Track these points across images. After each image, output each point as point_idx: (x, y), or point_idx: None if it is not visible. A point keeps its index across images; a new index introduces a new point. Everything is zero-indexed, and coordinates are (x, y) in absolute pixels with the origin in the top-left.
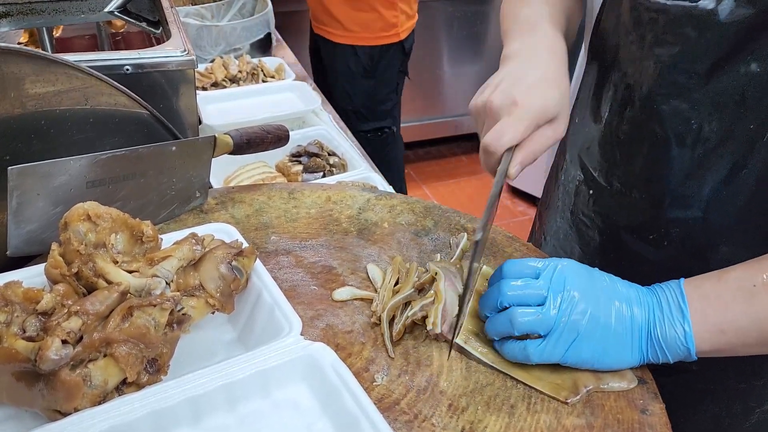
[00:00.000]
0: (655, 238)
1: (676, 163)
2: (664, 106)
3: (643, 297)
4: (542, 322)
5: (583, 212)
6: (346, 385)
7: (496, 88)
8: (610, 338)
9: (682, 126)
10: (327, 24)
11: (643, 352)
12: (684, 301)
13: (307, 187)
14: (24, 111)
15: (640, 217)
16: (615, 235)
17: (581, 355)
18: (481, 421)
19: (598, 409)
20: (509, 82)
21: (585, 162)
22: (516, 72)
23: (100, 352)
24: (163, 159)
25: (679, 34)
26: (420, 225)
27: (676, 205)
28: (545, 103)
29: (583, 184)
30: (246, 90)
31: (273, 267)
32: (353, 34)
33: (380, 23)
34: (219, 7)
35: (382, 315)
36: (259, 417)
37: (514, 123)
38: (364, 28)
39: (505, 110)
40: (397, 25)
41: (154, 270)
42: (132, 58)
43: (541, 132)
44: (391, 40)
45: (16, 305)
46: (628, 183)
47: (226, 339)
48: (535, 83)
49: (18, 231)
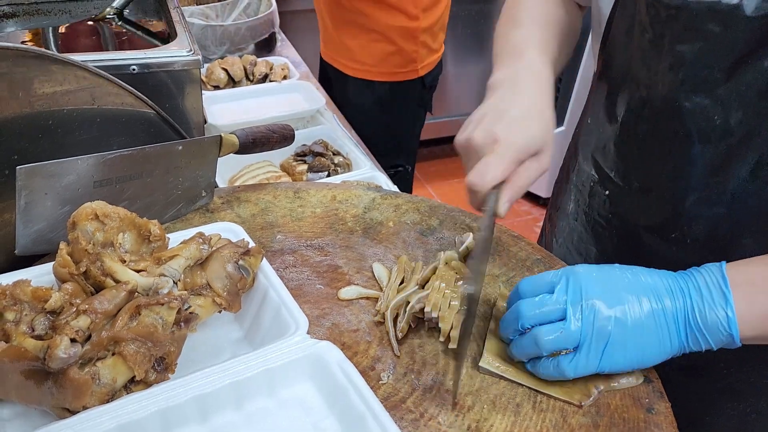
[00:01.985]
0: (677, 237)
1: (699, 160)
2: (686, 103)
3: (674, 283)
4: (567, 337)
5: (599, 213)
6: (352, 384)
7: (479, 125)
8: (644, 336)
9: (705, 122)
10: (338, 54)
11: (683, 341)
12: (726, 284)
13: (313, 186)
14: (32, 111)
15: (661, 215)
16: (634, 235)
17: (618, 361)
18: (486, 419)
19: (604, 408)
20: (491, 118)
21: (600, 162)
22: (498, 105)
23: (109, 350)
24: (170, 158)
25: (702, 30)
26: (425, 224)
27: (699, 202)
28: (527, 140)
29: (598, 184)
30: (251, 90)
31: (279, 266)
32: (367, 69)
33: (397, 58)
34: (224, 7)
35: (386, 313)
36: (266, 415)
37: (496, 161)
38: (379, 61)
39: (487, 148)
40: (416, 60)
41: (162, 269)
42: (138, 58)
43: (526, 166)
44: (409, 77)
45: (24, 304)
46: (648, 182)
47: (232, 338)
48: (517, 118)
49: (26, 230)
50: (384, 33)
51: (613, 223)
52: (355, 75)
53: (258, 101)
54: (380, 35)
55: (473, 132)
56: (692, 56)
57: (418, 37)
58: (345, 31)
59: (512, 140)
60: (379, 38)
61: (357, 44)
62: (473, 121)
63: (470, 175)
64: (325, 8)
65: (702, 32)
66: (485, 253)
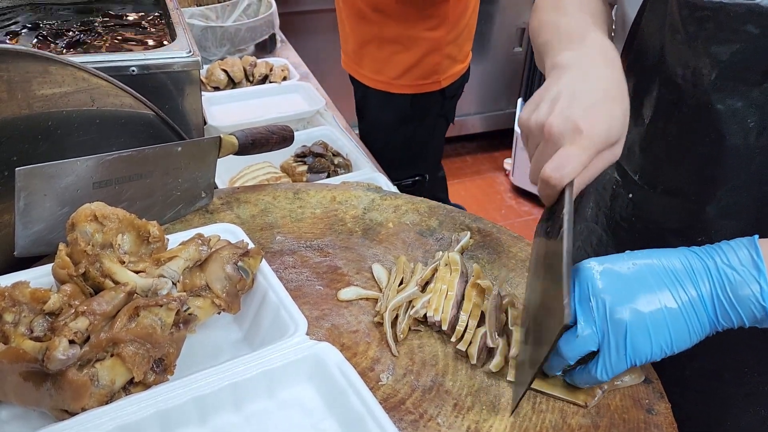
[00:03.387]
0: (703, 241)
1: (730, 163)
2: (719, 106)
3: (695, 261)
4: (585, 339)
5: (622, 216)
6: (351, 385)
7: (554, 108)
8: (668, 320)
9: (738, 125)
10: (359, 65)
11: (712, 319)
12: (760, 257)
13: (312, 187)
14: (31, 112)
15: (687, 219)
16: (658, 238)
17: (647, 350)
18: (486, 420)
19: (604, 409)
20: (567, 101)
21: (623, 165)
22: (573, 87)
23: (107, 351)
24: (169, 159)
25: (740, 32)
26: (425, 225)
27: (727, 206)
28: (609, 128)
29: (621, 187)
30: (250, 91)
31: (278, 267)
32: (389, 81)
33: (419, 70)
34: (224, 8)
35: (384, 314)
36: (265, 416)
37: (577, 154)
38: (401, 74)
39: (567, 137)
40: (438, 72)
41: (161, 270)
42: (138, 59)
43: (600, 156)
44: (429, 89)
45: (23, 305)
46: (675, 185)
47: (232, 339)
48: (597, 103)
49: (25, 231)
50: (407, 45)
51: (637, 226)
52: (375, 87)
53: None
54: (403, 47)
55: (550, 117)
56: (728, 57)
57: (443, 48)
58: (367, 43)
59: (595, 131)
60: (401, 50)
61: (380, 56)
62: (544, 100)
63: (549, 168)
64: (348, 20)
65: (739, 33)
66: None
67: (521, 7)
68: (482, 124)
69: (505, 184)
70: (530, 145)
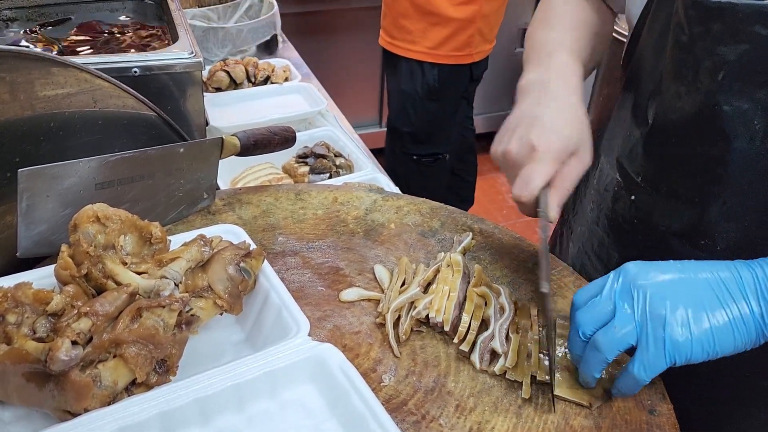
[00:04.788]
0: (707, 243)
1: (736, 164)
2: (726, 107)
3: (743, 270)
4: (624, 332)
5: (624, 218)
6: (353, 386)
7: (513, 135)
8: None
9: (744, 126)
10: (396, 37)
11: (760, 324)
12: None
13: (314, 188)
14: (33, 113)
15: (691, 221)
16: (661, 240)
17: (687, 347)
18: (488, 421)
19: (606, 410)
20: (525, 126)
21: (625, 166)
22: (530, 112)
23: (110, 352)
24: (171, 160)
25: (748, 32)
26: (427, 226)
27: (732, 208)
28: (563, 142)
29: (623, 189)
30: (252, 92)
31: (280, 268)
32: (422, 51)
33: (453, 42)
34: (225, 9)
35: (386, 315)
36: (268, 417)
37: (537, 168)
38: (436, 44)
39: (526, 157)
40: (471, 44)
41: (163, 271)
42: (140, 60)
43: (568, 166)
44: (462, 61)
45: (26, 306)
46: (679, 186)
47: (234, 340)
48: (550, 122)
49: (28, 232)
50: (442, 18)
51: (639, 228)
52: (410, 56)
53: (259, 103)
54: (438, 19)
55: (509, 144)
56: (735, 58)
57: (476, 21)
58: (403, 16)
59: (549, 146)
60: (436, 21)
61: (415, 28)
62: (508, 130)
63: (515, 187)
64: None
65: (747, 34)
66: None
67: (523, 8)
68: (484, 124)
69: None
70: (507, 175)
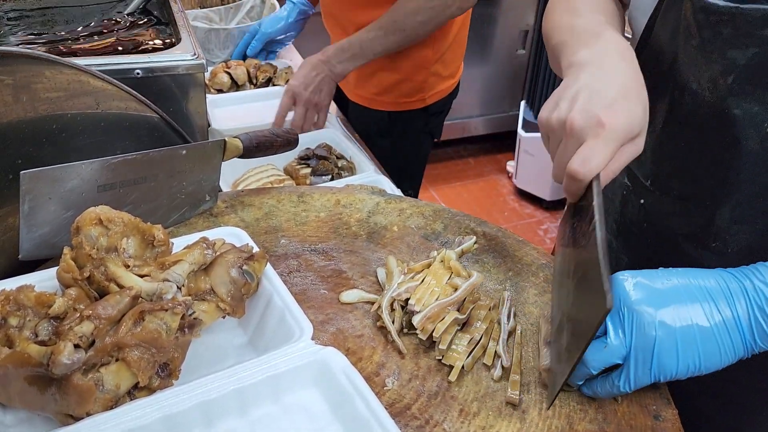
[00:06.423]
0: (717, 246)
1: (746, 167)
2: (736, 110)
3: (731, 281)
4: (612, 351)
5: (632, 221)
6: (357, 390)
7: (574, 104)
8: (699, 338)
9: (754, 129)
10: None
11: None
12: None
13: (317, 190)
14: (36, 115)
15: (700, 224)
16: (671, 243)
17: (672, 367)
18: (492, 426)
19: (611, 415)
20: (587, 97)
21: (634, 170)
22: (592, 84)
23: (112, 356)
24: (174, 162)
25: (757, 36)
26: (429, 228)
27: (742, 211)
28: (631, 121)
29: (632, 193)
30: (254, 93)
31: (283, 270)
32: (368, 97)
33: (403, 87)
34: (227, 11)
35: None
36: (271, 421)
37: (601, 147)
38: (383, 91)
39: (590, 132)
40: (423, 89)
41: (166, 274)
42: (142, 62)
43: (623, 150)
44: (412, 107)
45: (28, 309)
46: (688, 190)
47: (237, 343)
48: (618, 98)
49: (30, 235)
50: (391, 63)
51: (648, 232)
52: (355, 101)
53: (262, 105)
54: (387, 64)
55: (572, 113)
56: (745, 62)
57: (429, 66)
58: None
59: (617, 124)
60: (385, 66)
61: (363, 72)
62: (564, 98)
63: (574, 162)
64: (333, 36)
65: (757, 38)
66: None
67: (524, 9)
68: (485, 126)
69: (508, 186)
70: (552, 144)
